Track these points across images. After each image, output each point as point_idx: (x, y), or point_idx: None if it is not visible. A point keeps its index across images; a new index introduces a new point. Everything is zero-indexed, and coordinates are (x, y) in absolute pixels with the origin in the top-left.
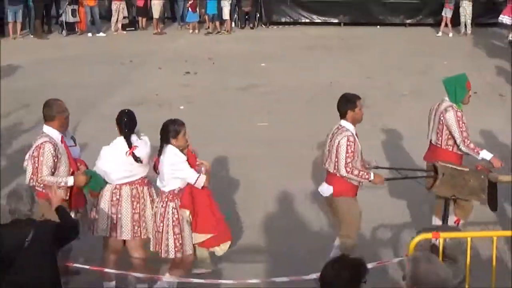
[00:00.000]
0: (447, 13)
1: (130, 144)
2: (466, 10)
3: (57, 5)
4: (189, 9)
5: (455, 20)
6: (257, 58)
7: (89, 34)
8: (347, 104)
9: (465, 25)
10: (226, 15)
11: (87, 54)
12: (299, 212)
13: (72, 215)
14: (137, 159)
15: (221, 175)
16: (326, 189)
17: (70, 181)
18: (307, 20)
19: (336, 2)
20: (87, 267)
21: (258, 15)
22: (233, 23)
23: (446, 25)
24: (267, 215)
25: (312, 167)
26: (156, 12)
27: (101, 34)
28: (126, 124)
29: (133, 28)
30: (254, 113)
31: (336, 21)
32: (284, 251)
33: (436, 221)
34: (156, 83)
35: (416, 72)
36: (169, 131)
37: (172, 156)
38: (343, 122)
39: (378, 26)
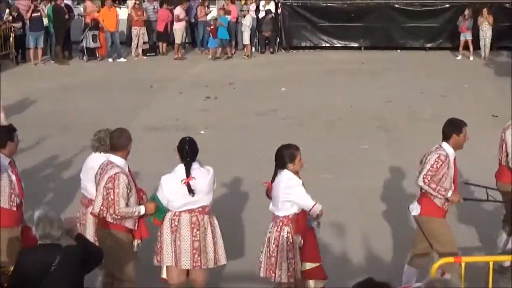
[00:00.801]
0: (466, 36)
1: (188, 173)
2: (486, 34)
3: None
4: (210, 34)
5: (475, 44)
6: (278, 82)
7: (110, 60)
8: (453, 128)
9: (485, 48)
10: (246, 40)
11: (108, 79)
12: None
13: (135, 244)
14: (190, 190)
15: (241, 200)
16: (414, 208)
17: (143, 210)
18: (328, 45)
19: (357, 26)
20: None
21: (278, 39)
22: (253, 48)
23: (465, 48)
24: None
25: (332, 191)
26: (177, 37)
27: (122, 59)
28: (188, 152)
29: (154, 53)
30: (275, 138)
31: (356, 45)
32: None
33: None
34: (176, 108)
35: (437, 95)
36: (285, 156)
37: (288, 180)
38: (444, 144)
39: (399, 50)
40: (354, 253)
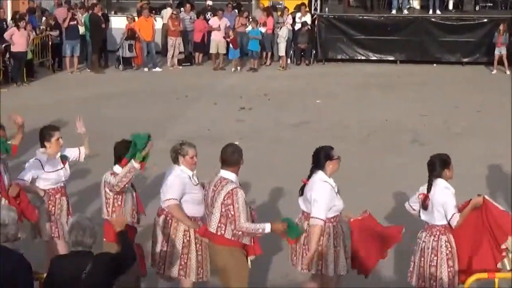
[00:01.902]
0: (501, 51)
1: None
2: None
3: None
4: (231, 45)
5: (511, 58)
6: (313, 94)
7: (145, 69)
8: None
9: None
10: (282, 51)
11: (143, 89)
12: None
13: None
14: None
15: (275, 211)
16: None
17: (268, 228)
18: (363, 57)
19: (393, 39)
20: None
21: (314, 51)
22: (288, 60)
23: (499, 63)
24: None
25: (367, 205)
26: (213, 47)
27: (157, 69)
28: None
29: (189, 63)
30: (308, 150)
31: (392, 58)
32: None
33: None
34: (211, 118)
35: (472, 110)
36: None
37: (445, 190)
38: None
39: (435, 64)
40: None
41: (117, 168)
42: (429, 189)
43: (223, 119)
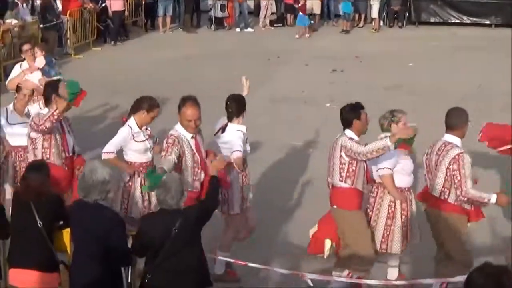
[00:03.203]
0: None
1: None
2: None
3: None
4: (299, 11)
5: None
6: (405, 57)
7: (237, 29)
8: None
9: None
10: (375, 13)
11: (235, 49)
12: None
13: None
14: None
15: None
16: None
17: (493, 199)
18: (457, 21)
19: (488, 2)
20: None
21: (407, 14)
22: (381, 22)
23: None
24: None
25: None
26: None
27: (249, 29)
28: None
29: (281, 24)
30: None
31: (487, 22)
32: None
33: None
34: (302, 80)
35: None
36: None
37: None
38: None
39: None
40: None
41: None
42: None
43: (314, 81)
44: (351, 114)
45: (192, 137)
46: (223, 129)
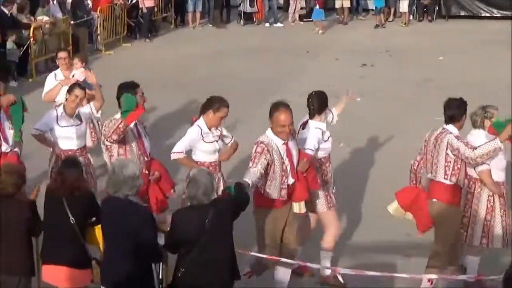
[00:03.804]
0: None
1: None
2: None
3: None
4: (317, 5)
5: None
6: (435, 51)
7: (267, 24)
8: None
9: None
10: (404, 7)
11: (264, 44)
12: None
13: None
14: None
15: (395, 171)
16: None
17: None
18: (487, 14)
19: None
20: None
21: (437, 8)
22: (411, 16)
23: None
24: None
25: None
26: (337, 2)
27: (278, 24)
28: None
29: (310, 19)
30: (431, 107)
31: None
32: None
33: None
34: (332, 74)
35: None
36: None
37: None
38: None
39: None
40: None
41: (449, 127)
42: None
43: (344, 75)
44: (460, 111)
45: (283, 143)
46: (303, 125)
